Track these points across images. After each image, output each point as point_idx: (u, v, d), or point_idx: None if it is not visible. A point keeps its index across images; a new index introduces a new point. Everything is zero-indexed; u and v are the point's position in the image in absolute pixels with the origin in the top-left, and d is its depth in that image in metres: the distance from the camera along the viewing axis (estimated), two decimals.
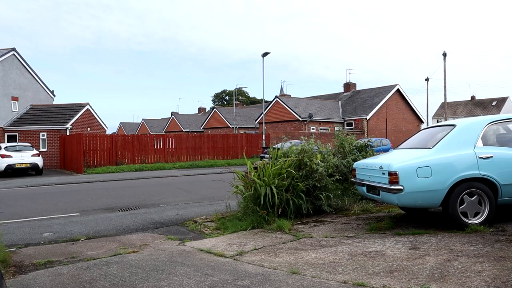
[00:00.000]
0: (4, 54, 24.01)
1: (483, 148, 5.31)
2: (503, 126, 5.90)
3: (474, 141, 5.35)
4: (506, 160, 5.30)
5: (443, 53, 33.65)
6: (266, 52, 27.93)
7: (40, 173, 19.66)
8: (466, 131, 5.54)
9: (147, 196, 10.90)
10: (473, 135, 5.41)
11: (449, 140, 5.44)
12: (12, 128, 24.12)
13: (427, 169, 5.13)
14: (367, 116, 32.86)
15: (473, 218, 5.22)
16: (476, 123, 5.64)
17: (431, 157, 5.26)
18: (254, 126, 41.89)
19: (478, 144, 5.34)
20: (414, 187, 5.12)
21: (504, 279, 3.43)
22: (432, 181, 5.11)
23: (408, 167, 5.19)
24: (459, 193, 5.15)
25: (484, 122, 5.59)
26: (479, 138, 5.39)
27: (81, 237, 6.31)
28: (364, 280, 3.65)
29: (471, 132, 5.47)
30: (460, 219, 5.16)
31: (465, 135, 5.46)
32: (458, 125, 5.67)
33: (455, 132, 5.52)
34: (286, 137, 9.01)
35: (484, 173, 5.16)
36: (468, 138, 5.39)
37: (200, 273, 4.13)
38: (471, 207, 5.21)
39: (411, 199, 5.20)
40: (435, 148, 5.39)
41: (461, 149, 5.29)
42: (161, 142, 24.05)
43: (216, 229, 6.48)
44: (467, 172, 5.13)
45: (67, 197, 11.27)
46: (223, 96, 79.75)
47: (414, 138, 6.54)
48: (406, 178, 5.13)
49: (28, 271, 4.61)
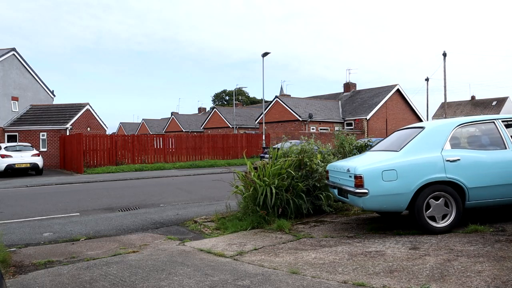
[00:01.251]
0: (4, 54, 24.01)
1: (451, 151, 5.23)
2: (472, 129, 5.83)
3: (442, 143, 5.28)
4: (474, 163, 5.21)
5: (443, 53, 33.66)
6: (266, 52, 27.94)
7: (40, 173, 19.66)
8: (434, 133, 5.46)
9: (147, 196, 10.90)
10: (441, 138, 5.33)
11: (416, 143, 5.36)
12: (12, 128, 24.12)
13: (392, 172, 5.05)
14: (367, 116, 32.85)
15: (441, 222, 5.12)
16: (444, 125, 5.57)
17: (397, 160, 5.19)
18: (254, 126, 41.89)
19: (446, 146, 5.26)
20: (379, 190, 5.04)
21: (504, 279, 3.43)
22: (397, 184, 5.03)
23: (373, 170, 5.12)
24: (425, 197, 5.06)
25: (452, 124, 5.51)
26: (447, 141, 5.31)
27: (81, 237, 6.32)
28: (364, 280, 3.65)
29: (439, 135, 5.39)
30: (427, 223, 5.07)
31: (432, 138, 5.38)
32: (426, 128, 5.60)
33: (422, 135, 5.45)
34: (286, 137, 9.01)
35: (451, 176, 5.08)
36: (435, 141, 5.31)
37: (200, 273, 4.14)
38: (438, 211, 5.12)
39: (376, 203, 5.13)
40: (402, 151, 5.33)
41: (428, 152, 5.20)
42: (161, 142, 24.05)
43: (216, 229, 6.48)
44: (434, 175, 5.05)
45: (67, 197, 11.28)
46: (223, 96, 79.75)
47: (387, 140, 6.45)
48: (371, 181, 5.05)
49: (28, 271, 4.61)
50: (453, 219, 5.12)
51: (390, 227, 5.65)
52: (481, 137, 5.82)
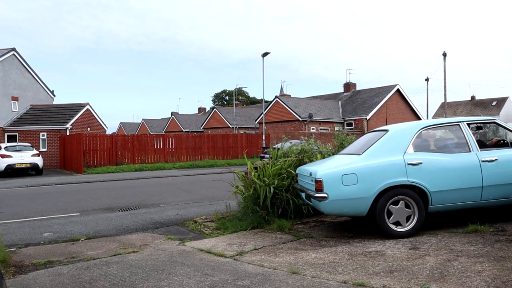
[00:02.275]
0: (4, 54, 24.01)
1: (413, 154, 5.14)
2: (436, 132, 5.78)
3: (404, 147, 5.19)
4: (437, 167, 5.11)
5: (443, 53, 33.67)
6: (266, 52, 27.94)
7: (40, 173, 19.66)
8: (396, 137, 5.38)
9: (147, 196, 10.90)
10: (404, 141, 5.25)
11: (378, 146, 5.30)
12: (12, 128, 24.12)
13: (352, 176, 4.97)
14: (367, 116, 32.86)
15: (402, 226, 5.03)
16: (407, 128, 5.48)
17: (358, 164, 5.12)
18: (254, 126, 41.88)
19: (409, 150, 5.18)
20: (339, 194, 4.97)
21: (504, 279, 3.43)
22: (357, 188, 4.95)
23: (333, 174, 5.05)
24: (386, 201, 4.97)
25: (416, 127, 5.42)
26: (410, 144, 5.22)
27: (81, 237, 6.32)
28: (364, 280, 3.65)
29: (402, 138, 5.30)
30: (388, 227, 4.99)
31: (395, 141, 5.30)
32: (390, 131, 5.52)
33: (385, 138, 5.38)
34: (286, 137, 9.01)
35: (412, 180, 4.98)
36: (398, 144, 5.23)
37: (200, 273, 4.14)
38: (400, 215, 5.03)
39: (336, 207, 5.07)
40: (364, 155, 5.26)
41: (390, 155, 5.12)
42: (161, 142, 24.05)
43: (216, 229, 6.48)
44: (395, 179, 4.96)
45: (67, 197, 11.28)
46: (223, 96, 79.75)
47: (356, 143, 6.37)
48: (331, 185, 4.98)
49: (28, 271, 4.61)
50: (415, 224, 5.01)
51: None
52: (445, 140, 5.75)
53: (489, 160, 5.20)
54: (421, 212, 5.03)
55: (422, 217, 5.04)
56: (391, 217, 5.03)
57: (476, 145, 5.33)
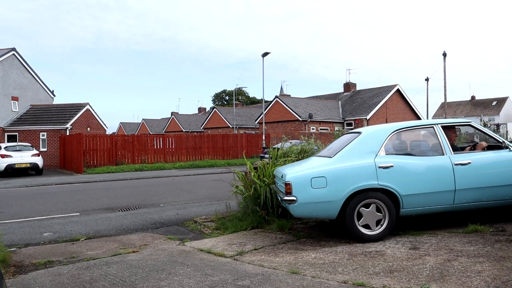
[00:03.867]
0: (4, 54, 24.02)
1: (384, 157, 5.07)
2: (410, 134, 5.71)
3: (376, 149, 5.11)
4: (408, 170, 5.03)
5: (443, 53, 33.66)
6: (266, 52, 27.94)
7: (40, 173, 19.66)
8: (368, 139, 5.31)
9: (147, 196, 10.90)
10: (376, 144, 5.17)
11: (350, 149, 5.23)
12: (12, 128, 24.13)
13: (322, 179, 4.91)
14: (367, 116, 32.85)
15: (372, 229, 4.97)
16: (380, 131, 5.41)
17: (328, 167, 5.05)
18: (254, 126, 41.89)
19: (381, 153, 5.10)
20: (307, 198, 4.89)
21: (504, 279, 3.44)
22: (327, 192, 4.88)
23: (302, 177, 4.99)
24: (355, 204, 4.91)
25: (389, 130, 5.35)
26: (382, 147, 5.15)
27: (81, 237, 6.32)
28: (364, 280, 3.65)
29: (374, 141, 5.23)
30: (358, 231, 4.93)
31: (367, 144, 5.22)
32: (362, 133, 5.45)
33: (357, 141, 5.31)
34: (286, 137, 9.02)
35: (383, 183, 4.90)
36: (370, 147, 5.15)
37: (200, 273, 4.14)
38: (370, 218, 4.97)
39: (305, 210, 4.99)
40: (335, 157, 5.19)
41: (361, 158, 5.05)
42: (161, 142, 24.06)
43: (216, 229, 6.48)
44: (365, 183, 4.89)
45: (67, 197, 11.28)
46: (223, 96, 79.76)
47: (332, 144, 6.28)
48: (299, 188, 4.91)
49: (28, 271, 4.61)
50: (385, 227, 4.96)
51: None
52: (418, 142, 5.69)
53: (462, 163, 5.11)
54: (391, 216, 4.95)
55: (393, 220, 4.97)
56: (361, 221, 4.96)
57: (450, 148, 5.24)
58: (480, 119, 15.73)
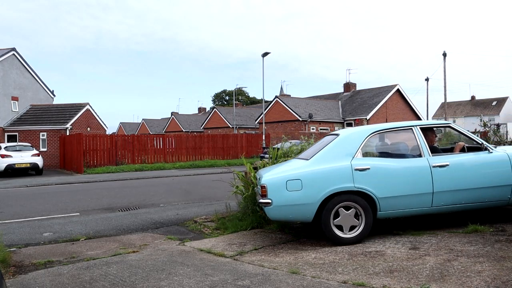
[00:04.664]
0: (4, 54, 24.01)
1: (361, 160, 5.01)
2: (386, 136, 5.67)
3: (353, 152, 5.06)
4: (385, 172, 4.97)
5: (443, 53, 33.66)
6: (266, 52, 27.94)
7: (40, 173, 19.66)
8: (346, 141, 5.25)
9: (147, 196, 10.90)
10: (353, 146, 5.12)
11: (327, 151, 5.17)
12: (12, 128, 24.12)
13: (297, 182, 4.85)
14: (367, 116, 32.84)
15: (349, 232, 4.92)
16: (357, 133, 5.35)
17: (304, 170, 5.01)
18: (254, 126, 41.88)
19: (358, 155, 5.05)
20: (283, 200, 4.85)
21: (504, 279, 3.44)
22: (302, 194, 4.82)
23: (277, 180, 4.94)
24: (331, 207, 4.85)
25: (366, 132, 5.29)
26: (359, 149, 5.09)
27: (81, 237, 6.32)
28: (364, 280, 3.65)
29: (351, 143, 5.17)
30: (334, 234, 4.88)
31: (344, 146, 5.17)
32: (340, 135, 5.40)
33: (334, 143, 5.26)
34: (286, 137, 9.01)
35: (359, 186, 4.85)
36: (346, 149, 5.10)
37: (200, 273, 4.14)
38: (347, 221, 4.91)
39: (280, 213, 4.95)
40: (312, 160, 5.14)
41: (338, 160, 4.99)
42: (161, 142, 24.06)
43: (216, 229, 6.48)
44: (341, 185, 4.83)
45: (67, 197, 11.28)
46: (223, 96, 79.75)
47: (313, 146, 6.23)
48: (275, 191, 4.87)
49: (28, 271, 4.61)
50: (362, 230, 4.90)
51: (390, 227, 5.65)
52: (396, 144, 5.65)
53: (440, 165, 5.06)
54: (368, 219, 4.90)
55: (370, 223, 4.92)
56: (337, 223, 4.92)
57: (428, 150, 5.17)
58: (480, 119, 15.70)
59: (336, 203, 4.88)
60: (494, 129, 13.23)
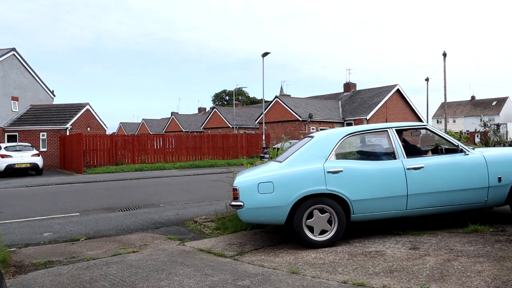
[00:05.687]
0: (4, 54, 24.02)
1: (334, 162, 4.98)
2: (360, 138, 5.62)
3: (326, 154, 5.02)
4: (358, 175, 4.93)
5: (443, 53, 33.67)
6: (266, 52, 27.94)
7: (40, 173, 19.66)
8: (319, 144, 5.22)
9: (147, 196, 10.90)
10: (326, 148, 5.08)
11: (300, 154, 5.15)
12: (12, 128, 24.13)
13: (269, 185, 4.84)
14: (367, 116, 32.84)
15: (322, 235, 4.89)
16: (331, 135, 5.31)
17: (276, 172, 5.01)
18: (254, 126, 41.88)
19: (331, 157, 5.02)
20: (254, 203, 4.85)
21: (504, 279, 3.44)
22: (274, 197, 4.81)
23: (249, 182, 4.96)
24: (304, 210, 4.81)
25: (341, 134, 5.25)
26: (333, 151, 5.06)
27: (81, 237, 6.32)
28: (364, 280, 3.65)
29: (325, 145, 5.14)
30: (306, 237, 4.84)
31: (317, 148, 5.14)
32: (314, 138, 5.38)
33: (308, 145, 5.24)
34: (286, 137, 9.00)
35: (332, 188, 4.81)
36: (320, 151, 5.07)
37: (200, 273, 4.14)
38: (319, 224, 4.88)
39: (252, 216, 4.95)
40: (285, 162, 5.13)
41: (311, 163, 4.96)
42: (161, 142, 24.06)
43: (216, 229, 6.48)
44: (313, 188, 4.79)
45: (67, 197, 11.28)
46: (223, 96, 79.76)
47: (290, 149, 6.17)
48: (246, 193, 4.88)
49: (28, 271, 4.61)
50: (335, 233, 4.86)
51: (390, 227, 5.65)
52: (371, 146, 5.60)
53: (415, 167, 5.01)
54: (341, 222, 4.85)
55: (343, 226, 4.88)
56: (309, 225, 4.90)
57: (403, 152, 5.12)
58: (480, 119, 15.71)
59: (308, 206, 4.85)
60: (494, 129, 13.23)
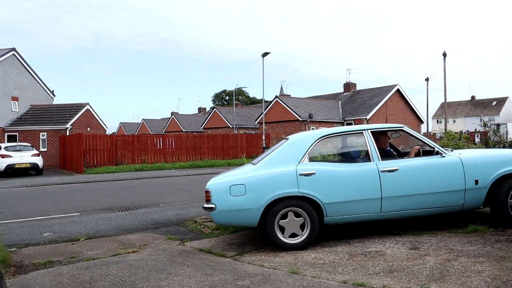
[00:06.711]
0: (4, 54, 24.01)
1: (307, 164, 4.97)
2: (335, 140, 5.60)
3: (299, 156, 5.01)
4: (331, 177, 4.91)
5: (443, 53, 33.68)
6: (266, 52, 27.91)
7: (40, 173, 19.65)
8: (293, 146, 5.20)
9: (147, 196, 10.90)
10: (299, 150, 5.07)
11: (274, 156, 5.17)
12: (12, 128, 24.12)
13: (241, 187, 4.85)
14: (367, 116, 32.84)
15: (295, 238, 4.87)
16: (305, 137, 5.29)
17: (248, 174, 5.02)
18: (254, 126, 41.88)
19: (304, 160, 5.00)
20: (226, 205, 4.87)
21: (504, 279, 3.44)
22: (245, 199, 4.81)
23: (221, 185, 4.98)
24: (276, 212, 4.81)
25: (315, 136, 5.23)
26: (306, 154, 5.04)
27: (81, 237, 6.32)
28: (364, 280, 3.65)
29: (298, 147, 5.12)
30: (278, 239, 4.84)
31: (291, 150, 5.13)
32: (288, 140, 5.38)
33: (281, 148, 5.24)
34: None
35: (304, 191, 4.80)
36: (293, 154, 5.06)
37: (200, 273, 4.14)
38: (292, 227, 4.86)
39: (225, 218, 4.98)
40: (258, 165, 5.14)
41: (283, 165, 4.96)
42: (161, 142, 24.05)
43: (216, 229, 6.48)
44: (285, 190, 4.79)
45: (67, 197, 11.28)
46: (223, 96, 79.75)
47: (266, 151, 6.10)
48: (218, 196, 4.90)
49: (28, 271, 4.61)
50: (307, 236, 4.85)
51: (390, 227, 5.65)
52: (345, 149, 5.59)
53: (390, 170, 4.98)
54: (314, 224, 4.83)
55: (315, 229, 4.85)
56: (282, 229, 4.89)
57: (378, 154, 5.08)
58: (480, 119, 15.70)
59: (280, 209, 4.84)
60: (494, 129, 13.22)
